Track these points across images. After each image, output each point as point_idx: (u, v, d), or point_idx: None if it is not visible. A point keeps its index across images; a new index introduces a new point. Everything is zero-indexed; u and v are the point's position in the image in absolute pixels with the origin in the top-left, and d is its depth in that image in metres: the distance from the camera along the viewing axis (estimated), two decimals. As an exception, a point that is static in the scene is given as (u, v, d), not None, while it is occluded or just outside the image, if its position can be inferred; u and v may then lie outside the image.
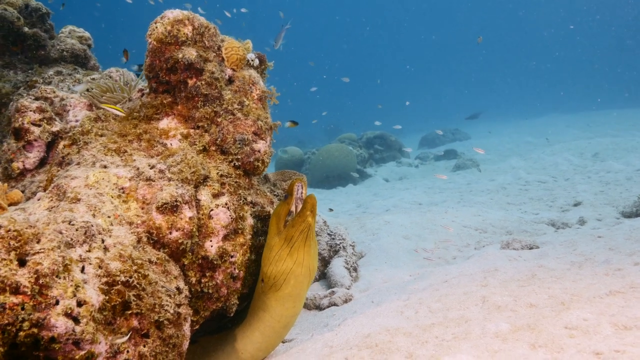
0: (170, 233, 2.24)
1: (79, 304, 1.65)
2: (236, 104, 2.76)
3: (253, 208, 2.74)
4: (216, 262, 2.48)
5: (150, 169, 2.41)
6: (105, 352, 1.73)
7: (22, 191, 2.62)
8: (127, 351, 1.85)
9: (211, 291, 2.49)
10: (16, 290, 1.51)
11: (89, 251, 1.90)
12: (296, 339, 3.18)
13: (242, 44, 2.96)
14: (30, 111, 2.71)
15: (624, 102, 28.76)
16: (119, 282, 1.87)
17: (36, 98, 3.00)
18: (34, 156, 2.73)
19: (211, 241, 2.48)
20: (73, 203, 2.13)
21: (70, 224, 1.94)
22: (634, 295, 2.45)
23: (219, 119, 2.73)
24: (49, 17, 4.24)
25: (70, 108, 2.95)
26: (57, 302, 1.58)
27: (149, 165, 2.43)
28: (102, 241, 2.00)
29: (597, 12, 66.87)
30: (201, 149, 2.68)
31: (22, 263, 1.57)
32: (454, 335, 2.33)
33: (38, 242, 1.66)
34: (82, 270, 1.81)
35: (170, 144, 2.65)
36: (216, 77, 2.72)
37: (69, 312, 1.59)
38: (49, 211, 2.09)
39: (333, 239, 4.74)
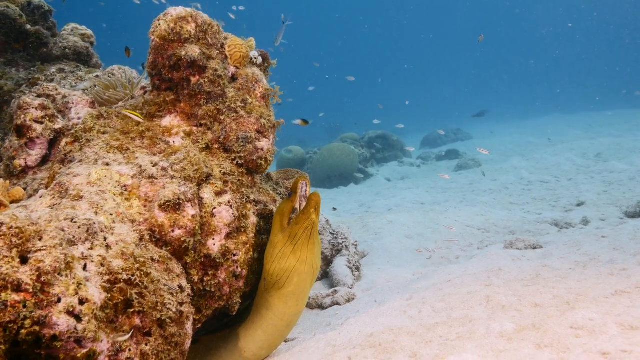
0: (173, 231, 2.23)
1: (81, 302, 1.63)
2: (239, 102, 2.74)
3: (256, 206, 2.72)
4: (219, 261, 2.47)
5: (153, 166, 2.40)
6: (107, 350, 1.72)
7: (24, 189, 2.61)
8: (129, 350, 1.84)
9: (214, 290, 2.47)
10: (18, 288, 1.50)
11: (91, 249, 1.89)
12: (298, 338, 3.16)
13: (245, 42, 2.94)
14: (33, 108, 2.70)
15: (623, 102, 28.71)
16: (121, 280, 1.86)
17: (38, 95, 2.98)
18: (36, 154, 2.72)
19: (214, 239, 2.46)
20: (75, 200, 2.11)
21: (72, 221, 1.93)
22: (640, 295, 2.43)
23: (222, 117, 2.71)
24: (51, 14, 4.24)
25: (73, 105, 2.93)
26: (59, 300, 1.57)
27: (152, 163, 2.42)
28: (105, 239, 1.98)
29: (595, 10, 66.73)
30: (204, 146, 2.67)
31: (24, 260, 1.56)
32: (458, 334, 2.32)
33: (40, 239, 1.64)
34: (84, 268, 1.79)
35: (173, 141, 2.63)
36: (219, 74, 2.71)
37: (71, 310, 1.58)
38: (51, 209, 2.08)
39: (335, 238, 4.72)
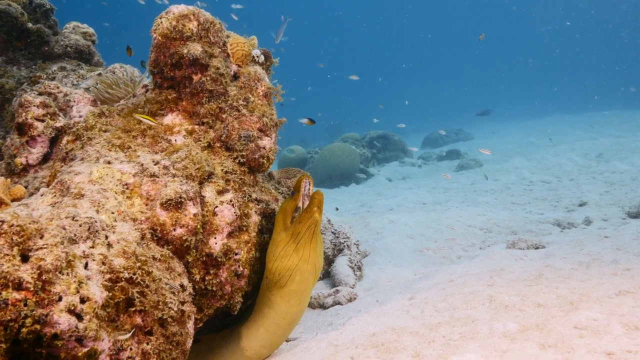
0: (175, 230, 2.22)
1: (82, 301, 1.62)
2: (241, 100, 2.73)
3: (258, 205, 2.71)
4: (220, 260, 2.46)
5: (155, 165, 2.39)
6: (109, 349, 1.71)
7: (25, 187, 2.60)
8: (131, 349, 1.83)
9: (215, 289, 2.46)
10: (19, 286, 1.48)
11: (93, 247, 1.88)
12: (300, 337, 3.15)
13: (247, 40, 2.93)
14: (34, 106, 2.69)
15: (621, 102, 28.73)
16: (123, 279, 1.85)
17: (40, 93, 2.97)
18: (37, 152, 2.71)
19: (215, 238, 2.45)
20: (76, 199, 2.10)
21: (73, 219, 1.92)
22: (644, 295, 2.41)
23: (223, 115, 2.70)
24: (52, 13, 4.22)
25: (74, 103, 2.92)
26: (60, 299, 1.56)
27: (153, 161, 2.41)
28: (106, 237, 1.97)
29: (592, 8, 66.68)
30: (206, 145, 2.65)
31: (24, 259, 1.55)
32: (461, 334, 2.30)
33: (41, 237, 1.63)
34: (86, 266, 1.78)
35: (175, 140, 2.62)
36: (221, 72, 2.70)
37: (72, 308, 1.57)
38: (52, 207, 2.07)
39: (337, 237, 4.71)
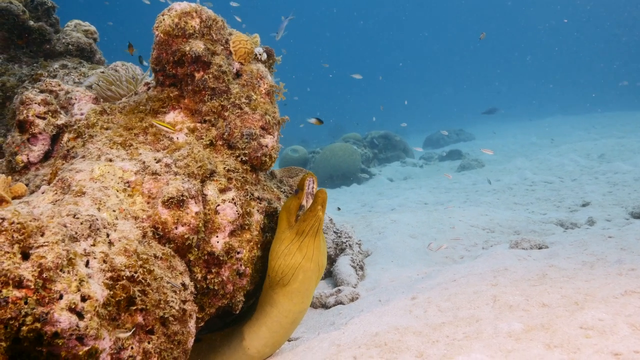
0: (176, 228, 2.20)
1: (83, 299, 1.60)
2: (244, 98, 2.71)
3: (260, 204, 2.69)
4: (222, 258, 2.44)
5: (156, 162, 2.37)
6: (109, 348, 1.69)
7: (26, 184, 2.58)
8: (132, 347, 1.81)
9: (217, 288, 2.44)
10: (19, 284, 1.47)
11: (94, 245, 1.86)
12: (302, 337, 3.13)
13: (250, 38, 2.91)
14: (35, 104, 2.67)
15: (619, 100, 28.72)
16: (124, 277, 1.83)
17: (41, 91, 2.96)
18: (38, 149, 2.69)
19: (217, 237, 2.43)
20: (78, 196, 2.09)
21: (74, 217, 1.90)
22: (650, 295, 2.39)
23: (226, 113, 2.68)
24: (54, 10, 4.21)
25: (76, 101, 2.91)
26: (61, 297, 1.54)
27: (155, 159, 2.39)
28: (107, 235, 1.96)
29: (588, 3, 66.65)
30: (208, 143, 2.64)
31: (25, 256, 1.53)
32: (465, 334, 2.28)
33: (42, 235, 1.61)
34: (87, 264, 1.77)
35: (177, 137, 2.60)
36: (224, 70, 2.68)
37: (73, 307, 1.55)
38: (53, 204, 2.05)
39: (339, 237, 4.69)
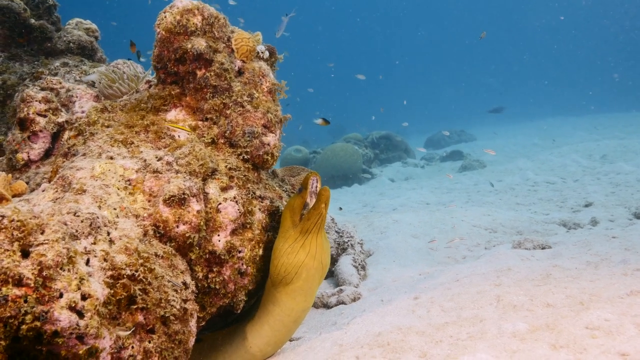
0: (177, 226, 2.18)
1: (84, 298, 1.58)
2: (246, 96, 2.69)
3: (262, 202, 2.67)
4: (224, 257, 2.42)
5: (158, 160, 2.35)
6: (110, 347, 1.67)
7: (27, 182, 2.57)
8: (132, 347, 1.79)
9: (218, 287, 2.42)
10: (19, 282, 1.45)
11: (94, 243, 1.84)
12: (303, 337, 3.11)
13: (252, 36, 2.90)
14: (36, 101, 2.66)
15: (620, 104, 28.78)
16: (125, 276, 1.81)
17: (42, 88, 2.94)
18: (39, 147, 2.67)
19: (219, 236, 2.41)
20: (78, 194, 2.07)
21: (75, 215, 1.88)
22: (656, 295, 2.36)
23: (228, 111, 2.66)
24: (55, 9, 4.20)
25: (77, 99, 2.89)
26: (61, 295, 1.52)
27: (156, 157, 2.37)
28: (108, 233, 1.94)
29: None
30: (209, 141, 2.62)
31: (25, 254, 1.51)
32: (469, 334, 2.26)
33: (42, 233, 1.60)
34: (87, 262, 1.75)
35: (178, 135, 2.59)
36: (226, 68, 2.66)
37: (73, 305, 1.53)
38: (53, 202, 2.04)
39: (341, 236, 4.66)
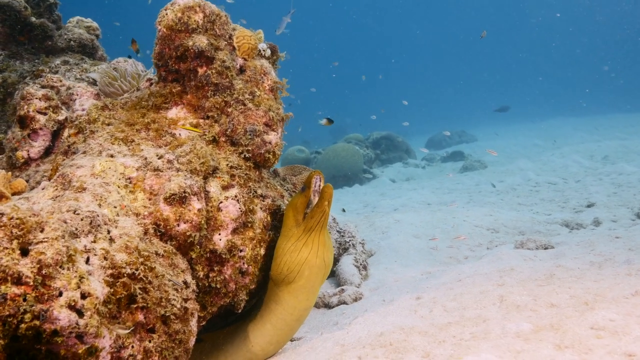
0: (178, 225, 2.16)
1: (83, 296, 1.57)
2: (247, 94, 2.67)
3: (263, 201, 2.65)
4: (225, 256, 2.40)
5: (158, 159, 2.34)
6: (110, 346, 1.65)
7: (27, 180, 2.55)
8: (132, 346, 1.77)
9: (219, 286, 2.40)
10: (18, 281, 1.43)
11: (94, 242, 1.83)
12: (305, 337, 3.09)
13: (253, 34, 2.88)
14: (36, 99, 2.64)
15: (620, 105, 28.78)
16: (125, 275, 1.79)
17: (42, 86, 2.92)
18: (39, 145, 2.66)
19: (220, 234, 2.39)
20: (78, 192, 2.05)
21: (75, 213, 1.86)
22: (661, 296, 2.34)
23: (229, 109, 2.64)
24: (56, 7, 4.18)
25: (77, 97, 2.87)
26: (61, 294, 1.50)
27: (157, 155, 2.35)
28: (108, 232, 1.92)
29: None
30: (211, 139, 2.60)
31: (24, 252, 1.49)
32: (472, 334, 2.24)
33: (41, 231, 1.58)
34: (87, 261, 1.73)
35: (179, 133, 2.57)
36: (227, 66, 2.64)
37: (73, 304, 1.51)
38: (53, 200, 2.02)
39: (342, 236, 4.64)
